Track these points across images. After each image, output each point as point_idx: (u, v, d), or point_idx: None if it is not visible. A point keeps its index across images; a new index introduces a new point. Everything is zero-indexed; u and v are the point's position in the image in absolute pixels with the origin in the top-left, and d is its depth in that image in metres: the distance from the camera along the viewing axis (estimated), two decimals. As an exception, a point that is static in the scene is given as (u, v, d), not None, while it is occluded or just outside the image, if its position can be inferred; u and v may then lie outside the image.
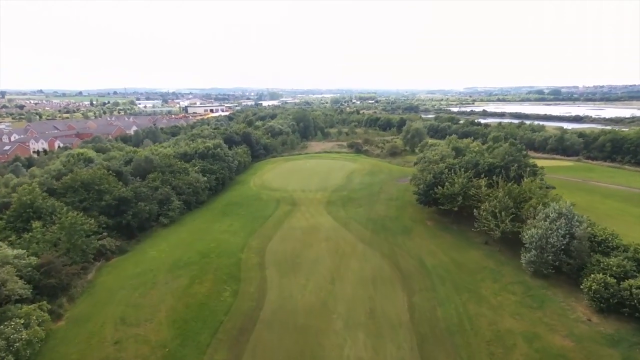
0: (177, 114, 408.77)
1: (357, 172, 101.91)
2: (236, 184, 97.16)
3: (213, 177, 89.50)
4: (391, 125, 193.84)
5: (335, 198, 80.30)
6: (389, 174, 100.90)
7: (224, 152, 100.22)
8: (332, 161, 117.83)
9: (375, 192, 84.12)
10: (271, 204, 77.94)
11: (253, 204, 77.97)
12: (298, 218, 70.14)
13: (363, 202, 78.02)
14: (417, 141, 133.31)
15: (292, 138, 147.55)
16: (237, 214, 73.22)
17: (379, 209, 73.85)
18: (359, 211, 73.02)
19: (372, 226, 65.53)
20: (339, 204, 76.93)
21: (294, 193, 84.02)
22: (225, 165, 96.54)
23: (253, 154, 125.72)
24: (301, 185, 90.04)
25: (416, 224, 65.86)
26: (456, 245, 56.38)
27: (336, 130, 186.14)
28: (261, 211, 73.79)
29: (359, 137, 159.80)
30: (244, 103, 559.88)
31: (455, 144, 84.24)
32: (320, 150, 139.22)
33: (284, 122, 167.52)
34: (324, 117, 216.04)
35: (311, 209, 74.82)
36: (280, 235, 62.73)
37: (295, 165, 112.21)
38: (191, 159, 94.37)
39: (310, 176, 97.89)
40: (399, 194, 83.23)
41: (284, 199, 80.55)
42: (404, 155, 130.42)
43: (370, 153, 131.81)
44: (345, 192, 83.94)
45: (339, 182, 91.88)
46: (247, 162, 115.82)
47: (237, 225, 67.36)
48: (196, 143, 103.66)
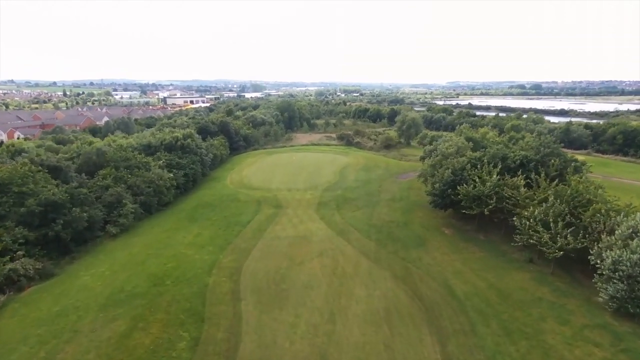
0: (155, 105, 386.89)
1: (350, 167, 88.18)
2: (210, 180, 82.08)
3: (181, 173, 74.32)
4: (381, 116, 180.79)
5: (327, 198, 66.43)
6: (387, 170, 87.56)
7: (195, 143, 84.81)
8: (321, 154, 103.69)
9: (375, 191, 70.62)
10: (251, 206, 63.48)
11: (228, 207, 63.32)
12: (284, 225, 56.03)
13: (361, 203, 64.43)
14: (414, 133, 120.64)
15: (275, 129, 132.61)
16: (208, 219, 58.51)
17: (382, 212, 60.39)
18: (357, 215, 59.39)
19: (376, 235, 52.04)
20: (332, 206, 63.10)
21: (278, 192, 69.73)
22: (197, 159, 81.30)
23: (231, 146, 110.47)
24: (287, 182, 75.79)
25: (431, 232, 52.69)
26: (490, 263, 43.38)
27: (323, 122, 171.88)
28: (238, 216, 59.29)
29: (349, 128, 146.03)
30: (226, 95, 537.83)
31: (469, 134, 71.10)
32: (307, 142, 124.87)
33: (266, 112, 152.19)
34: (309, 108, 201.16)
35: (299, 212, 60.77)
36: (262, 248, 48.54)
37: (280, 159, 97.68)
38: (156, 152, 78.81)
39: (297, 172, 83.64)
40: (402, 193, 69.98)
41: (267, 199, 66.20)
42: (399, 148, 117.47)
43: (362, 145, 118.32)
44: (340, 191, 70.15)
45: (331, 179, 77.98)
46: (224, 156, 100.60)
47: (207, 234, 52.79)
48: (162, 133, 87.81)
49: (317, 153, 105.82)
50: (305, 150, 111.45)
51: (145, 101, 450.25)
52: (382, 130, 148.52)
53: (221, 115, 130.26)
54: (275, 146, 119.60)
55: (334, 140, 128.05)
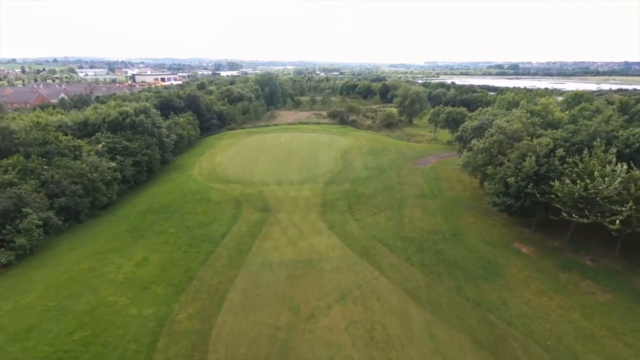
0: (122, 83, 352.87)
1: (354, 151, 69.01)
2: (172, 170, 61.23)
3: (130, 160, 53.32)
4: (372, 92, 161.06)
5: (334, 195, 47.33)
6: (399, 153, 68.96)
7: (152, 121, 63.29)
8: (314, 135, 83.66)
9: (394, 184, 52.01)
10: (226, 209, 43.71)
11: (194, 211, 43.31)
12: (276, 240, 36.82)
13: (382, 202, 45.78)
14: (418, 109, 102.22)
15: (256, 105, 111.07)
16: (163, 232, 38.54)
17: (415, 216, 42.00)
18: (381, 221, 40.80)
19: (418, 256, 33.77)
20: (342, 207, 44.19)
21: (265, 187, 50.00)
22: (153, 142, 60.06)
23: (202, 125, 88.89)
24: (275, 172, 56.00)
25: (500, 250, 34.72)
26: (633, 313, 25.82)
27: (308, 99, 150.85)
28: (207, 226, 39.55)
29: (339, 105, 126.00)
30: (200, 73, 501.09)
31: (527, 106, 51.63)
32: (293, 120, 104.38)
33: (244, 86, 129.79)
34: (292, 84, 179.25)
35: (297, 218, 41.59)
36: (244, 287, 29.43)
37: (264, 141, 77.18)
38: (95, 132, 57.09)
39: (287, 158, 63.77)
40: (432, 185, 51.70)
41: (249, 198, 46.49)
42: (401, 127, 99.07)
43: (359, 124, 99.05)
44: (348, 184, 51.09)
45: (333, 167, 58.65)
46: (192, 137, 79.24)
47: (157, 261, 33.04)
48: (106, 107, 65.56)
49: (309, 133, 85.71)
50: (293, 129, 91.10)
51: (112, 79, 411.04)
52: (377, 107, 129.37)
53: (190, 88, 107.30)
54: (256, 125, 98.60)
55: (325, 118, 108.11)
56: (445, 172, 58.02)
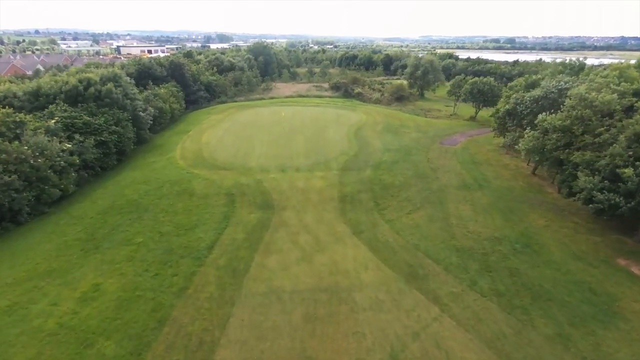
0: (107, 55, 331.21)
1: (367, 128, 57.69)
2: (148, 152, 49.58)
3: (92, 140, 41.59)
4: (374, 64, 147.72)
5: (354, 186, 36.52)
6: (419, 131, 57.94)
7: (123, 91, 51.05)
8: (318, 110, 71.67)
9: (426, 169, 41.28)
10: (215, 206, 32.77)
11: (172, 209, 32.28)
12: (284, 253, 26.26)
13: (415, 194, 35.22)
14: (432, 80, 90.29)
15: (249, 76, 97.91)
16: (127, 241, 27.65)
17: (464, 214, 31.61)
18: (421, 222, 30.39)
19: (485, 279, 23.66)
20: (367, 202, 33.55)
21: (264, 175, 38.91)
22: (124, 117, 48.08)
23: (188, 97, 76.36)
24: (277, 156, 44.76)
25: (600, 268, 24.56)
26: None
27: (305, 70, 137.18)
28: (189, 232, 28.72)
29: (341, 76, 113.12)
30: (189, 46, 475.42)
31: (623, 70, 39.31)
32: (291, 93, 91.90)
33: (236, 55, 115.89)
34: (287, 54, 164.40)
35: (310, 218, 30.94)
36: (242, 340, 19.06)
37: (260, 117, 65.24)
38: (49, 105, 44.86)
39: (290, 137, 52.31)
40: (472, 172, 41.11)
41: (245, 190, 35.50)
42: (412, 100, 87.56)
43: (366, 98, 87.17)
44: (369, 170, 40.24)
45: (347, 148, 47.54)
46: (176, 111, 66.95)
47: (111, 293, 22.37)
48: (65, 75, 52.82)
49: (311, 107, 73.73)
50: (293, 103, 78.95)
51: (96, 51, 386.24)
52: (382, 79, 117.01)
53: (174, 56, 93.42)
54: (249, 98, 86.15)
55: (327, 90, 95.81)
56: (482, 154, 47.45)
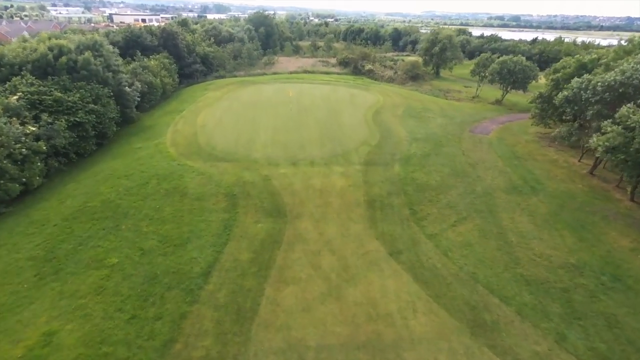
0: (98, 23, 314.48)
1: (387, 112, 50.24)
2: (134, 134, 42.07)
3: (63, 122, 34.06)
4: (381, 38, 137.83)
5: (383, 186, 29.65)
6: (445, 116, 50.68)
7: (104, 61, 43.00)
8: (328, 88, 63.46)
9: (464, 165, 34.41)
10: (212, 211, 25.94)
11: (159, 215, 25.41)
12: (304, 284, 19.79)
13: (458, 198, 28.57)
14: (450, 58, 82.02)
15: (249, 48, 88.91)
16: (96, 262, 20.99)
17: (520, 226, 25.09)
18: (471, 239, 23.92)
19: (576, 331, 17.49)
20: (401, 209, 26.86)
21: (272, 170, 31.85)
22: (105, 93, 40.31)
23: (182, 70, 67.98)
24: (286, 144, 37.46)
25: None
26: None
27: (309, 44, 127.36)
28: (178, 248, 22.03)
29: (347, 51, 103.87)
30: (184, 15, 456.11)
31: None
32: (296, 68, 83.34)
33: (235, 25, 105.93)
34: (289, 26, 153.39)
35: (333, 231, 24.33)
36: None
37: (263, 95, 57.35)
38: (14, 75, 36.94)
39: (300, 121, 44.83)
40: (517, 168, 34.32)
41: (249, 190, 28.55)
42: (427, 79, 79.69)
43: (378, 75, 79.02)
44: (398, 166, 33.31)
45: (369, 136, 40.24)
46: (168, 86, 58.79)
47: (68, 348, 15.86)
48: (35, 41, 44.37)
49: (321, 86, 65.60)
50: (299, 80, 70.69)
51: (88, 18, 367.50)
52: (391, 55, 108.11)
53: (167, 24, 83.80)
54: (250, 73, 77.70)
55: (334, 66, 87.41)
56: (521, 146, 40.60)
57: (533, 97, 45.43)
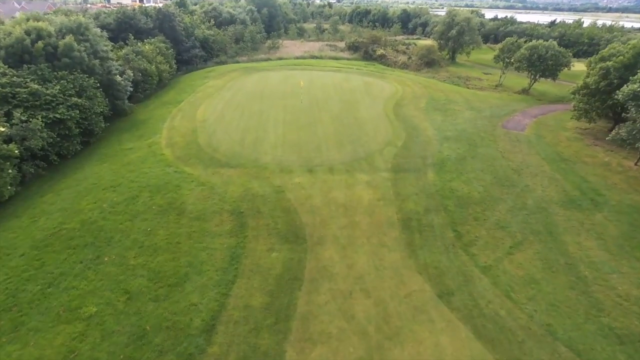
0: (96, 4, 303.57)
1: (408, 104, 44.74)
2: (126, 131, 36.76)
3: (39, 119, 28.87)
4: (389, 20, 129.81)
5: (417, 200, 24.66)
6: (471, 108, 45.21)
7: (91, 47, 37.43)
8: (340, 76, 57.49)
9: (507, 171, 29.30)
10: (215, 233, 21.11)
11: (150, 240, 20.64)
12: (335, 343, 15.10)
13: (508, 216, 23.66)
14: (468, 42, 75.71)
15: (252, 31, 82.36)
16: (68, 312, 16.32)
17: (592, 254, 20.31)
18: (535, 274, 19.17)
19: None
20: (442, 231, 22.03)
21: (285, 178, 26.76)
22: (90, 84, 34.90)
23: (180, 56, 62.10)
24: (299, 145, 32.17)
25: None
26: None
27: (314, 26, 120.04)
28: (173, 289, 17.30)
29: (352, 34, 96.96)
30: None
31: None
32: (302, 53, 77.09)
33: (236, 6, 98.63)
34: (292, 7, 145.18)
35: (363, 261, 19.54)
36: None
37: (269, 83, 51.68)
38: (-19, 65, 31.61)
39: (313, 115, 39.40)
40: (567, 174, 29.22)
41: (260, 206, 23.60)
42: (443, 65, 73.56)
43: (390, 61, 72.89)
44: (432, 173, 28.23)
45: (392, 135, 34.86)
46: (164, 74, 53.02)
47: None
48: (11, 24, 38.58)
49: (331, 73, 59.67)
50: (308, 66, 64.69)
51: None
52: (402, 39, 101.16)
53: (165, 5, 77.12)
54: (253, 58, 71.63)
55: (343, 51, 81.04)
56: (564, 145, 35.43)
57: (575, 87, 40.06)
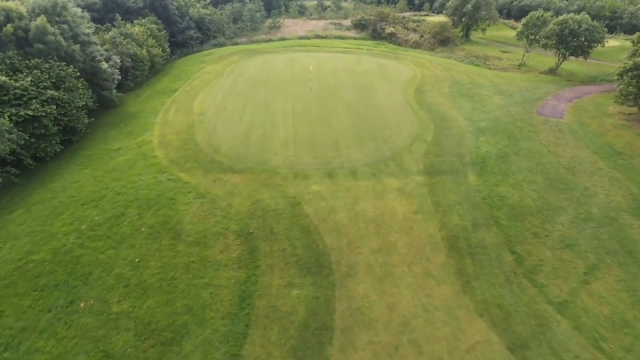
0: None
1: (431, 89, 39.51)
2: (113, 126, 31.88)
3: (6, 118, 24.11)
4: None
5: (462, 212, 20.17)
6: (500, 92, 40.05)
7: (70, 29, 32.18)
8: (350, 58, 51.57)
9: (559, 170, 24.74)
10: (220, 264, 16.77)
11: (139, 272, 16.28)
12: None
13: (572, 229, 19.29)
14: (484, 18, 69.49)
15: (251, 9, 75.74)
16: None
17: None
18: (624, 312, 14.96)
19: None
20: (500, 253, 17.71)
21: (301, 186, 22.11)
22: (69, 74, 29.87)
23: (174, 38, 56.34)
24: (313, 142, 27.30)
25: None
26: None
27: (315, 4, 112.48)
28: (170, 354, 13.21)
29: (360, 10, 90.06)
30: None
31: None
32: (306, 33, 70.85)
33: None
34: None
35: (407, 299, 15.25)
36: None
37: (274, 68, 46.12)
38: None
39: (325, 105, 34.31)
40: (632, 175, 24.70)
41: (271, 223, 19.11)
42: (458, 44, 67.74)
43: (401, 40, 66.86)
44: (473, 174, 23.69)
45: (419, 128, 29.97)
46: (157, 58, 47.51)
47: None
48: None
49: (339, 54, 53.89)
50: (314, 47, 58.79)
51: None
52: (410, 15, 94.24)
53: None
54: (253, 40, 65.65)
55: (349, 30, 74.75)
56: (612, 134, 30.69)
57: (620, 68, 35.09)
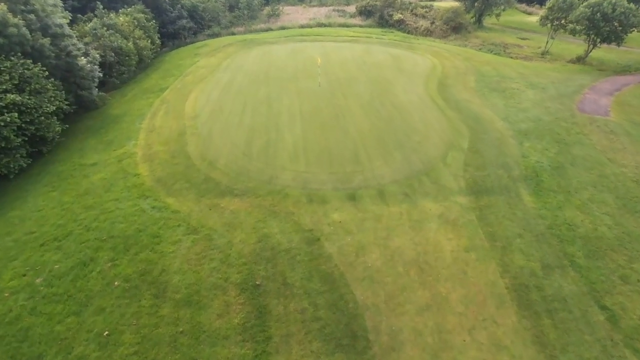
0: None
1: (455, 83, 34.48)
2: (91, 134, 26.91)
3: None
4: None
5: (525, 249, 15.62)
6: (531, 85, 35.08)
7: (39, 20, 27.03)
8: (359, 48, 46.11)
9: (628, 185, 20.22)
10: (216, 335, 12.19)
11: (108, 353, 11.90)
12: None
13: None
14: (499, 2, 63.83)
15: (248, -5, 69.82)
16: None
17: None
18: None
19: None
20: (585, 309, 13.22)
21: (318, 214, 17.34)
22: (37, 73, 24.87)
23: (164, 28, 50.83)
24: (327, 151, 22.63)
25: None
26: None
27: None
28: None
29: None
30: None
31: None
32: (308, 21, 65.12)
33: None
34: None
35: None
36: None
37: (275, 60, 40.74)
38: None
39: (336, 102, 29.43)
40: None
41: (284, 269, 14.39)
42: (471, 30, 62.33)
43: (410, 27, 61.40)
44: (527, 195, 19.01)
45: (451, 132, 25.22)
46: (146, 52, 42.15)
47: None
48: None
49: (347, 44, 48.47)
50: (318, 37, 53.28)
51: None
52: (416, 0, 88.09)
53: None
54: (251, 29, 60.02)
55: (354, 17, 68.98)
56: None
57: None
